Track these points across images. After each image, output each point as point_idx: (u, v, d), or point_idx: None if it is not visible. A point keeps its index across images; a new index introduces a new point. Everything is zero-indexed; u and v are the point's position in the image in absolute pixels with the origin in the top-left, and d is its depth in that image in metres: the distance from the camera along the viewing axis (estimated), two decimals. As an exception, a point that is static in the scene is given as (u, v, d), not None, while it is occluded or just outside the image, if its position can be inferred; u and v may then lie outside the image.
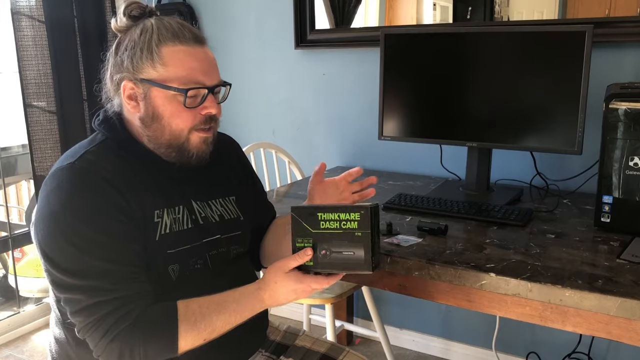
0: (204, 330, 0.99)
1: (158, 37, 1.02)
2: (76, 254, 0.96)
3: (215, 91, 1.09)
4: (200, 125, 1.06)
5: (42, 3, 2.20)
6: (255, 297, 1.02)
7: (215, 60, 1.10)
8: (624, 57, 1.73)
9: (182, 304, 0.99)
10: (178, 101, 1.03)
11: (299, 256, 1.02)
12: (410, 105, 1.80)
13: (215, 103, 1.08)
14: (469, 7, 1.95)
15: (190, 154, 1.07)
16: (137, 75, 1.03)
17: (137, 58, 1.03)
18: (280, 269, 1.02)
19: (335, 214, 1.00)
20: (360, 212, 0.98)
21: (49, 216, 0.98)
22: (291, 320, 2.58)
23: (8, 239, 2.65)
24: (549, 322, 1.13)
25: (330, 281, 1.02)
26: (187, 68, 1.03)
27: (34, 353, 2.41)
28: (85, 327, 0.96)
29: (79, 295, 0.96)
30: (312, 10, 2.25)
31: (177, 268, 1.06)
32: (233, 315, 1.01)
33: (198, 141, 1.07)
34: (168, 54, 1.02)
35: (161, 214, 1.06)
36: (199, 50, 1.05)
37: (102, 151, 1.05)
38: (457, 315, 2.22)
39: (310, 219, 1.02)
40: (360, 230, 0.99)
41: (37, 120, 2.27)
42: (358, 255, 0.99)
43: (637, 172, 1.31)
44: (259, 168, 2.16)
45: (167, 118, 1.04)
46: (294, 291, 1.01)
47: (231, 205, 1.21)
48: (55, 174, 1.01)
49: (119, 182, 1.01)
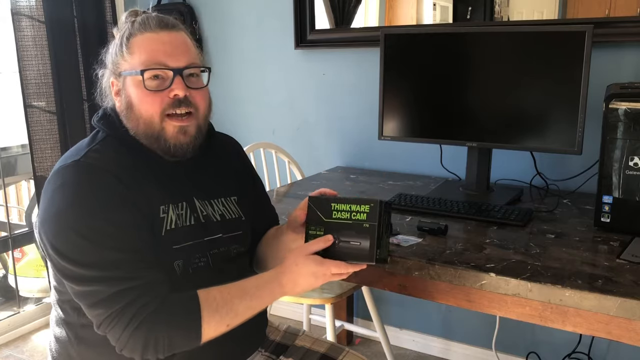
0: (227, 315, 0.99)
1: (129, 31, 1.07)
2: (89, 247, 0.96)
3: (186, 74, 1.07)
4: (169, 109, 1.05)
5: (42, 3, 2.20)
6: (275, 281, 1.02)
7: (186, 44, 1.09)
8: (624, 57, 1.74)
9: (203, 291, 0.99)
10: (143, 85, 1.04)
11: (322, 240, 1.03)
12: (410, 105, 1.80)
13: (182, 85, 1.05)
14: (469, 7, 1.95)
15: (167, 144, 1.06)
16: (117, 70, 1.08)
17: (114, 54, 1.09)
18: (301, 253, 1.02)
19: (348, 205, 1.04)
20: (371, 204, 1.02)
21: (56, 214, 0.98)
22: (291, 320, 2.58)
23: (8, 239, 2.65)
24: (549, 322, 1.13)
25: (350, 269, 1.02)
26: (148, 51, 1.05)
27: (34, 353, 2.41)
28: (107, 319, 0.95)
29: (98, 286, 0.95)
30: (312, 10, 2.25)
31: (182, 264, 1.06)
32: (254, 300, 1.01)
33: (173, 130, 1.06)
34: (135, 43, 1.06)
35: (166, 209, 1.06)
36: (162, 34, 1.07)
37: (105, 148, 1.06)
38: (457, 315, 2.22)
39: (324, 208, 1.06)
40: (368, 222, 1.01)
41: (37, 120, 2.27)
42: (364, 245, 1.01)
43: (637, 172, 1.31)
44: (259, 168, 2.16)
45: (136, 105, 1.06)
46: (313, 274, 1.00)
47: (233, 205, 1.21)
48: (59, 172, 1.01)
49: (125, 177, 1.02)
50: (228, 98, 2.56)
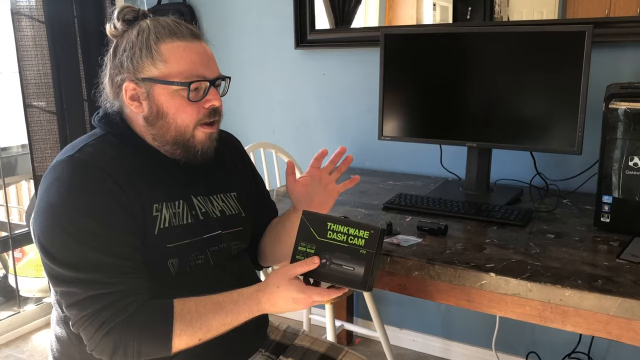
0: (199, 330, 0.98)
1: (156, 35, 1.04)
2: (73, 247, 0.95)
3: (216, 84, 1.10)
4: (205, 119, 1.07)
5: (42, 3, 2.20)
6: (253, 299, 1.01)
7: (212, 54, 1.11)
8: (623, 57, 1.74)
9: (179, 302, 0.99)
10: (181, 96, 1.04)
11: (307, 263, 1.01)
12: (410, 105, 1.80)
13: (217, 95, 1.09)
14: (469, 7, 1.95)
15: (196, 149, 1.08)
16: (138, 75, 1.04)
17: (137, 58, 1.04)
18: (285, 274, 1.00)
19: (345, 227, 1.00)
20: (371, 231, 0.99)
21: (47, 208, 0.98)
22: (291, 320, 2.59)
23: (8, 239, 2.65)
24: (548, 322, 1.13)
25: (332, 294, 1.00)
26: (187, 62, 1.04)
27: (34, 353, 2.41)
28: (80, 321, 0.96)
29: (74, 288, 0.95)
30: (312, 10, 2.25)
31: (177, 262, 1.06)
32: (229, 316, 1.00)
33: (203, 137, 1.08)
34: (167, 50, 1.03)
35: (160, 207, 1.05)
36: (197, 44, 1.06)
37: (102, 144, 1.05)
38: (457, 315, 2.22)
39: (319, 226, 1.02)
40: (366, 249, 0.99)
41: (37, 120, 2.27)
42: (357, 272, 0.98)
43: (636, 172, 1.31)
44: (259, 168, 2.15)
45: (172, 114, 1.05)
46: (293, 300, 0.99)
47: (232, 201, 1.21)
48: (55, 166, 1.01)
49: (118, 175, 1.01)
50: (228, 98, 2.55)
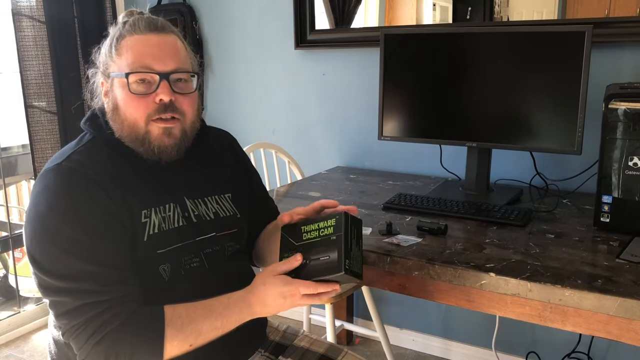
0: (190, 335, 0.97)
1: (120, 32, 1.06)
2: (62, 256, 0.95)
3: (174, 78, 1.05)
4: (155, 114, 1.04)
5: (43, 3, 2.20)
6: (243, 301, 1.00)
7: (175, 47, 1.07)
8: (623, 57, 1.74)
9: (169, 308, 0.98)
10: (127, 88, 1.03)
11: (289, 261, 1.01)
12: (410, 105, 1.80)
13: (168, 90, 1.03)
14: (468, 7, 1.95)
15: (152, 146, 1.05)
16: (106, 70, 1.07)
17: (103, 55, 1.08)
18: (270, 273, 1.01)
19: (316, 224, 1.04)
20: (336, 217, 1.02)
21: (36, 218, 0.97)
22: (291, 320, 2.59)
23: (8, 239, 2.65)
24: (548, 322, 1.13)
25: (319, 288, 0.98)
26: (135, 54, 1.04)
27: (34, 353, 2.41)
28: (70, 330, 0.95)
29: (64, 298, 0.95)
30: (312, 11, 2.25)
31: (169, 267, 1.05)
32: (219, 320, 0.99)
33: (158, 132, 1.04)
34: (124, 45, 1.05)
35: (149, 213, 1.04)
36: (151, 36, 1.05)
37: (89, 151, 1.05)
38: (457, 315, 2.22)
39: (295, 233, 1.06)
40: (335, 234, 1.01)
41: (38, 120, 2.27)
42: (332, 258, 0.99)
43: (636, 172, 1.31)
44: (259, 168, 2.16)
45: (122, 107, 1.05)
46: (281, 294, 0.98)
47: (227, 202, 1.20)
48: (44, 175, 1.00)
49: (106, 182, 1.00)
50: (228, 98, 2.56)
